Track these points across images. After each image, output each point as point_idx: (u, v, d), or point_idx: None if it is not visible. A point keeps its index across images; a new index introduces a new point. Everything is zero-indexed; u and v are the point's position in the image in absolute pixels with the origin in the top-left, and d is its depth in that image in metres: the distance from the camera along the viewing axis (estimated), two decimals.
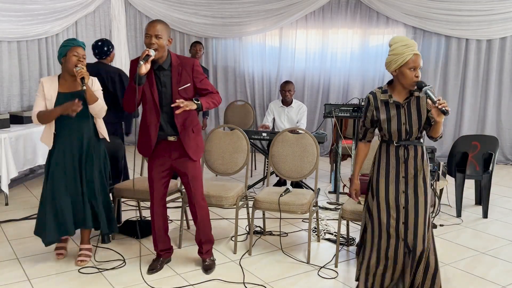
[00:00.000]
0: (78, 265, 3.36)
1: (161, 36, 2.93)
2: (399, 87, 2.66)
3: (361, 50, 7.36)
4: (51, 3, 6.49)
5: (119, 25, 7.78)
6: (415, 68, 2.56)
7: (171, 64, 3.05)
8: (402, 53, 2.55)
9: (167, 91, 3.05)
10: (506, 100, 7.02)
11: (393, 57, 2.59)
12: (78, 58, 3.18)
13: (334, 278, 3.26)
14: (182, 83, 3.05)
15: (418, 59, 2.56)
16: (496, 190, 5.54)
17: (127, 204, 4.78)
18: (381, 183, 2.72)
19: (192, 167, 3.20)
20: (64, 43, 3.24)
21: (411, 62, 2.55)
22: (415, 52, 2.56)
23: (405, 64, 2.55)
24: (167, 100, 3.05)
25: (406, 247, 2.68)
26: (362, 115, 2.84)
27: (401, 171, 2.71)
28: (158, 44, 2.92)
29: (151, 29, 2.92)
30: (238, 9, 7.61)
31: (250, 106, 6.76)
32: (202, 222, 3.30)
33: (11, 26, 6.04)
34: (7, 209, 4.70)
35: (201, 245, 3.35)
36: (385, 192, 2.71)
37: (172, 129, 3.11)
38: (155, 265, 3.30)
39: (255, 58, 7.84)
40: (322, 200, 5.09)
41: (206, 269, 3.29)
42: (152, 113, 3.06)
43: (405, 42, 2.59)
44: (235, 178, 5.72)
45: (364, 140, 2.88)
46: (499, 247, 3.87)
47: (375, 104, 2.70)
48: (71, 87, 3.27)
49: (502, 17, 6.74)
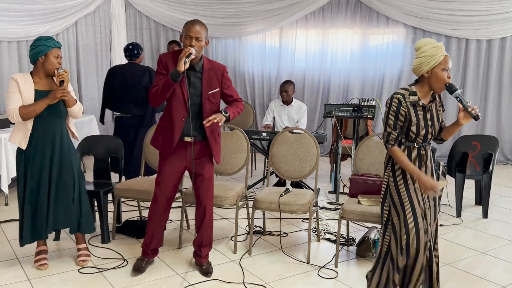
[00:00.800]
0: (81, 265, 3.36)
1: (201, 39, 2.96)
2: (427, 89, 2.63)
3: (361, 50, 7.36)
4: (51, 3, 6.49)
5: (119, 25, 7.77)
6: (447, 69, 2.56)
7: (203, 67, 3.07)
8: (435, 54, 2.54)
9: (196, 92, 3.06)
10: (506, 100, 7.02)
11: (424, 59, 2.56)
12: (58, 61, 3.15)
13: (334, 278, 3.26)
14: (212, 88, 3.08)
15: (448, 60, 2.57)
16: (496, 190, 5.54)
17: (127, 204, 4.78)
18: (410, 186, 2.64)
19: (209, 169, 3.22)
20: (44, 42, 3.13)
21: (443, 63, 2.55)
22: (445, 53, 2.56)
23: (438, 65, 2.54)
24: (193, 101, 3.06)
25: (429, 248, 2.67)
26: (388, 117, 2.63)
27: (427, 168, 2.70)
28: (197, 46, 2.94)
29: (192, 31, 2.93)
30: (238, 9, 7.61)
31: (250, 106, 6.75)
32: (208, 224, 3.27)
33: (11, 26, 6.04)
34: (7, 209, 4.70)
35: (200, 249, 3.30)
36: (415, 194, 2.63)
37: (193, 131, 3.09)
38: (140, 266, 3.25)
39: (255, 58, 7.84)
40: (322, 200, 5.09)
41: (206, 273, 3.24)
42: (179, 111, 3.05)
43: (435, 44, 2.58)
44: (235, 178, 5.72)
45: (396, 145, 2.65)
46: (499, 247, 3.87)
47: (406, 105, 2.61)
48: (47, 86, 3.19)
49: (502, 17, 6.74)
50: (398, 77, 7.30)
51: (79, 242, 3.49)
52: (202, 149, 3.17)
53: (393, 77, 7.30)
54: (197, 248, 3.33)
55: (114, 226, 3.93)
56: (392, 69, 7.29)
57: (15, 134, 3.18)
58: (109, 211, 3.92)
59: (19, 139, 3.17)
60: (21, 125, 3.16)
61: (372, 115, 4.98)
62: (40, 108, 3.09)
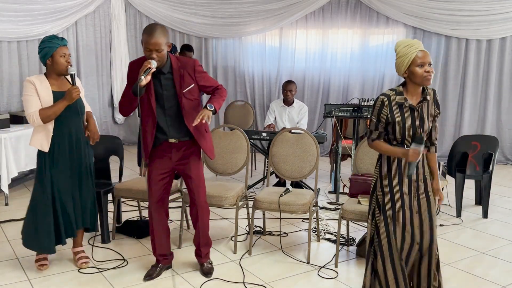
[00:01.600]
0: (83, 267, 3.34)
1: (162, 49, 2.87)
2: (412, 89, 2.61)
3: (361, 50, 7.36)
4: (51, 3, 6.49)
5: (119, 25, 7.77)
6: (423, 65, 2.52)
7: (172, 67, 3.01)
8: (407, 53, 2.54)
9: (170, 94, 3.01)
10: (506, 100, 7.02)
11: (399, 60, 2.58)
12: (66, 59, 3.12)
13: (334, 278, 3.26)
14: (185, 85, 3.02)
15: (424, 55, 2.53)
16: (496, 190, 5.54)
17: (127, 204, 4.78)
18: (395, 188, 2.63)
19: (195, 168, 3.16)
20: (48, 44, 3.10)
21: (417, 59, 2.52)
22: (420, 49, 2.54)
23: (412, 63, 2.53)
24: (170, 103, 3.02)
25: (420, 251, 2.64)
26: (371, 117, 2.68)
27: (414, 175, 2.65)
28: (159, 56, 2.88)
29: (151, 44, 2.83)
30: (238, 9, 7.61)
31: (250, 106, 6.76)
32: (202, 223, 3.24)
33: (11, 26, 6.04)
34: (7, 209, 4.70)
35: (200, 248, 3.29)
36: (400, 197, 2.62)
37: (175, 133, 3.07)
38: (152, 272, 3.21)
39: (255, 58, 7.83)
40: (322, 200, 5.09)
41: (206, 273, 3.24)
42: (148, 117, 3.02)
43: (407, 42, 2.58)
44: (235, 178, 5.71)
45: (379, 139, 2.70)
46: (499, 247, 3.87)
47: (390, 106, 2.61)
48: (61, 87, 3.17)
49: (502, 17, 6.74)
50: (398, 77, 7.28)
51: (76, 245, 3.46)
52: (188, 149, 3.12)
53: (393, 77, 7.29)
54: (196, 248, 3.32)
55: (114, 226, 3.93)
56: (392, 69, 7.28)
57: (36, 137, 3.13)
58: (109, 211, 3.92)
59: (41, 141, 3.13)
60: (42, 127, 3.10)
61: None
62: (60, 109, 3.06)
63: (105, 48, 7.69)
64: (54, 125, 3.13)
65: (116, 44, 7.73)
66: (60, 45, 3.11)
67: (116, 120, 8.09)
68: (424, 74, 2.52)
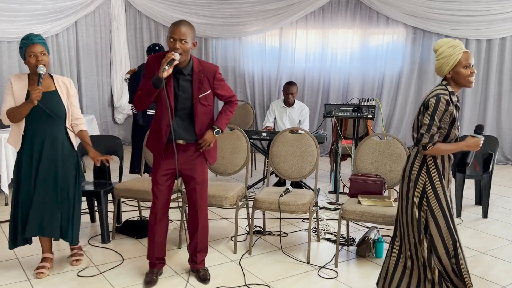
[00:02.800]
0: (74, 265, 3.35)
1: (186, 40, 2.79)
2: (456, 89, 2.61)
3: (361, 50, 7.36)
4: (51, 3, 6.49)
5: (119, 25, 7.78)
6: (468, 66, 2.54)
7: (193, 70, 2.95)
8: (452, 54, 2.53)
9: (186, 96, 2.95)
10: (506, 100, 7.02)
11: (443, 61, 2.56)
12: (36, 58, 2.96)
13: (334, 278, 3.26)
14: (203, 91, 2.97)
15: (469, 57, 2.54)
16: (496, 190, 5.54)
17: (127, 204, 4.78)
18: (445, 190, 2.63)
19: (201, 172, 3.10)
20: (21, 43, 2.99)
21: (463, 61, 2.53)
22: (464, 50, 2.54)
23: (458, 64, 2.54)
24: (183, 105, 2.96)
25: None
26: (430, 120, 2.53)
27: (450, 172, 2.70)
28: (183, 48, 2.79)
29: (176, 33, 2.78)
30: (238, 9, 7.61)
31: (250, 106, 6.75)
32: (202, 229, 3.17)
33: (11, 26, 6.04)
34: (7, 209, 4.70)
35: (196, 255, 3.19)
36: (444, 195, 2.62)
37: (185, 134, 3.01)
38: (151, 279, 3.10)
39: (255, 58, 7.83)
40: (322, 200, 5.09)
41: (203, 279, 3.15)
42: (165, 116, 2.94)
43: (452, 43, 2.57)
44: (235, 178, 5.71)
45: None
46: (499, 247, 3.87)
47: (452, 106, 2.56)
48: (43, 87, 3.00)
49: (502, 17, 6.74)
50: (398, 77, 7.30)
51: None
52: (195, 151, 3.07)
53: (393, 77, 7.30)
54: (192, 254, 3.22)
55: (114, 226, 3.93)
56: (392, 69, 7.29)
57: (11, 136, 3.11)
58: (109, 211, 3.92)
59: (14, 140, 3.10)
60: (15, 126, 3.06)
61: (372, 115, 4.98)
62: (25, 110, 2.94)
63: (105, 48, 7.69)
64: (25, 126, 3.05)
65: (116, 44, 7.73)
66: (28, 44, 2.97)
67: (116, 120, 8.09)
68: (469, 74, 2.53)
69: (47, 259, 3.31)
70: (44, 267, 3.24)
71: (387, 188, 3.68)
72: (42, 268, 3.23)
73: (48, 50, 3.08)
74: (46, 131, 3.07)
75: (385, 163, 3.68)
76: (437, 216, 2.61)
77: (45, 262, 3.28)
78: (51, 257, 3.34)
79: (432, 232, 2.62)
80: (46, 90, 3.05)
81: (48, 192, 3.10)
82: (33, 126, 3.05)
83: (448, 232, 2.60)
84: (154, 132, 3.06)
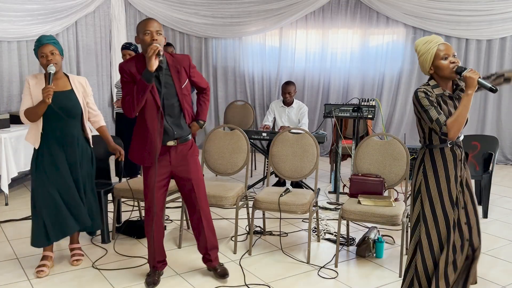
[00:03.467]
0: (74, 265, 3.36)
1: (161, 32, 2.81)
2: (443, 81, 2.54)
3: (361, 50, 7.36)
4: (51, 3, 6.49)
5: (119, 25, 7.77)
6: (448, 56, 2.47)
7: (168, 63, 2.93)
8: (428, 49, 2.51)
9: (169, 91, 2.91)
10: (506, 100, 7.02)
11: (422, 58, 2.54)
12: (46, 58, 3.08)
13: (334, 278, 3.26)
14: (182, 82, 2.96)
15: (446, 47, 2.48)
16: (496, 190, 5.54)
17: (127, 204, 4.78)
18: (443, 187, 2.55)
19: (195, 171, 3.06)
20: (34, 46, 3.14)
21: (440, 52, 2.48)
22: (440, 42, 2.50)
23: (435, 57, 2.49)
24: (169, 101, 2.91)
25: (470, 246, 2.59)
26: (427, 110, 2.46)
27: (458, 171, 2.58)
28: (159, 40, 2.79)
29: (151, 26, 2.79)
30: (238, 9, 7.61)
31: (250, 106, 6.76)
32: (208, 228, 3.14)
33: (11, 26, 6.04)
34: (7, 209, 4.70)
35: (209, 253, 3.18)
36: (449, 195, 2.54)
37: (178, 130, 2.98)
38: (154, 280, 3.10)
39: (255, 58, 7.83)
40: (322, 200, 5.09)
41: (223, 275, 3.14)
42: (154, 117, 2.88)
43: (426, 39, 2.55)
44: (235, 178, 5.72)
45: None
46: (499, 247, 3.87)
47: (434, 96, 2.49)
48: (59, 86, 3.16)
49: (502, 17, 6.74)
50: (398, 77, 7.29)
51: (73, 242, 3.48)
52: (187, 150, 3.05)
53: (393, 77, 7.30)
54: (204, 253, 3.20)
55: (114, 226, 3.93)
56: (392, 69, 7.29)
57: (30, 134, 3.22)
58: (109, 211, 3.92)
59: (33, 138, 3.20)
60: (33, 125, 3.18)
61: (372, 115, 4.98)
62: (41, 109, 3.06)
63: (105, 48, 7.68)
64: (43, 124, 3.16)
65: (116, 44, 7.72)
66: (39, 45, 3.11)
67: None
68: (451, 65, 2.45)
69: (47, 257, 3.33)
70: (45, 265, 3.27)
71: (387, 188, 3.68)
72: (43, 266, 3.26)
73: (61, 49, 3.19)
74: (63, 129, 3.19)
75: (385, 163, 3.68)
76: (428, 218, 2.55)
77: (45, 261, 3.30)
78: (51, 256, 3.36)
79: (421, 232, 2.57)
80: (62, 90, 3.18)
81: (71, 187, 3.21)
82: (51, 124, 3.16)
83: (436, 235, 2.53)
84: (142, 139, 2.94)
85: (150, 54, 2.72)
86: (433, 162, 2.58)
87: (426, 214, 2.57)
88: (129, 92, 2.83)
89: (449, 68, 2.46)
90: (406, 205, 3.54)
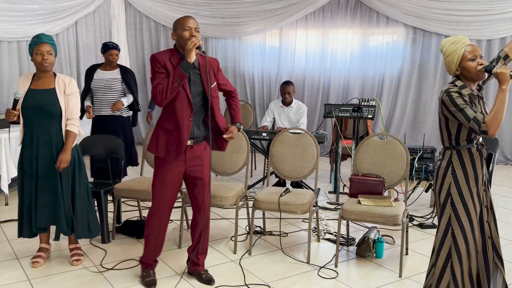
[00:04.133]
0: (74, 265, 3.37)
1: (198, 30, 2.90)
2: (468, 83, 2.50)
3: (361, 50, 7.36)
4: (51, 3, 6.49)
5: (119, 25, 7.78)
6: (475, 58, 2.45)
7: (198, 63, 2.97)
8: (455, 50, 2.48)
9: (196, 91, 2.95)
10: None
11: (448, 59, 2.52)
12: (42, 57, 3.10)
13: (334, 278, 3.26)
14: (211, 83, 2.99)
15: (474, 48, 2.46)
16: (496, 190, 5.53)
17: (127, 204, 4.78)
18: (473, 192, 2.53)
19: (207, 171, 3.08)
20: (30, 42, 3.15)
21: (467, 54, 2.45)
22: (467, 43, 2.48)
23: (463, 59, 2.46)
24: (195, 100, 2.93)
25: (492, 244, 2.63)
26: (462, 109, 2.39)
27: (483, 171, 2.57)
28: (197, 37, 2.86)
29: (191, 22, 2.86)
30: (238, 9, 7.61)
31: (250, 106, 6.76)
32: (206, 230, 3.15)
33: (11, 26, 6.04)
34: (7, 209, 4.71)
35: (198, 257, 3.17)
36: (477, 195, 2.53)
37: (197, 131, 3.00)
38: (153, 279, 3.10)
39: (255, 58, 7.84)
40: (322, 200, 5.09)
41: (209, 280, 3.13)
42: (184, 111, 2.89)
43: (453, 40, 2.53)
44: (235, 178, 5.72)
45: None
46: None
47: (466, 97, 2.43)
48: (43, 84, 3.18)
49: (502, 17, 6.74)
50: (398, 77, 7.30)
51: (70, 242, 3.48)
52: (203, 150, 3.07)
53: (393, 77, 7.30)
54: (194, 257, 3.18)
55: (114, 226, 3.93)
56: (392, 69, 7.29)
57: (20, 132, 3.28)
58: (109, 211, 3.92)
59: (20, 136, 3.26)
60: (21, 123, 3.24)
61: (372, 115, 4.98)
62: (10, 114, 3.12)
63: None
64: (23, 123, 3.21)
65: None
66: (37, 42, 3.11)
67: None
68: (478, 67, 2.43)
69: (43, 249, 3.43)
70: (40, 256, 3.37)
71: (387, 188, 3.68)
72: (38, 257, 3.36)
73: (56, 51, 3.23)
74: (39, 128, 3.18)
75: (385, 163, 3.68)
76: (462, 219, 2.52)
77: (41, 252, 3.41)
78: (47, 248, 3.46)
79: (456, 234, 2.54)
80: (44, 88, 3.19)
81: (50, 188, 3.21)
82: (30, 124, 3.19)
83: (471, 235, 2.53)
84: (167, 132, 2.95)
85: (190, 47, 2.80)
86: (462, 163, 2.53)
87: (460, 215, 2.53)
88: (161, 81, 2.84)
89: (476, 69, 2.44)
90: (406, 205, 3.54)
